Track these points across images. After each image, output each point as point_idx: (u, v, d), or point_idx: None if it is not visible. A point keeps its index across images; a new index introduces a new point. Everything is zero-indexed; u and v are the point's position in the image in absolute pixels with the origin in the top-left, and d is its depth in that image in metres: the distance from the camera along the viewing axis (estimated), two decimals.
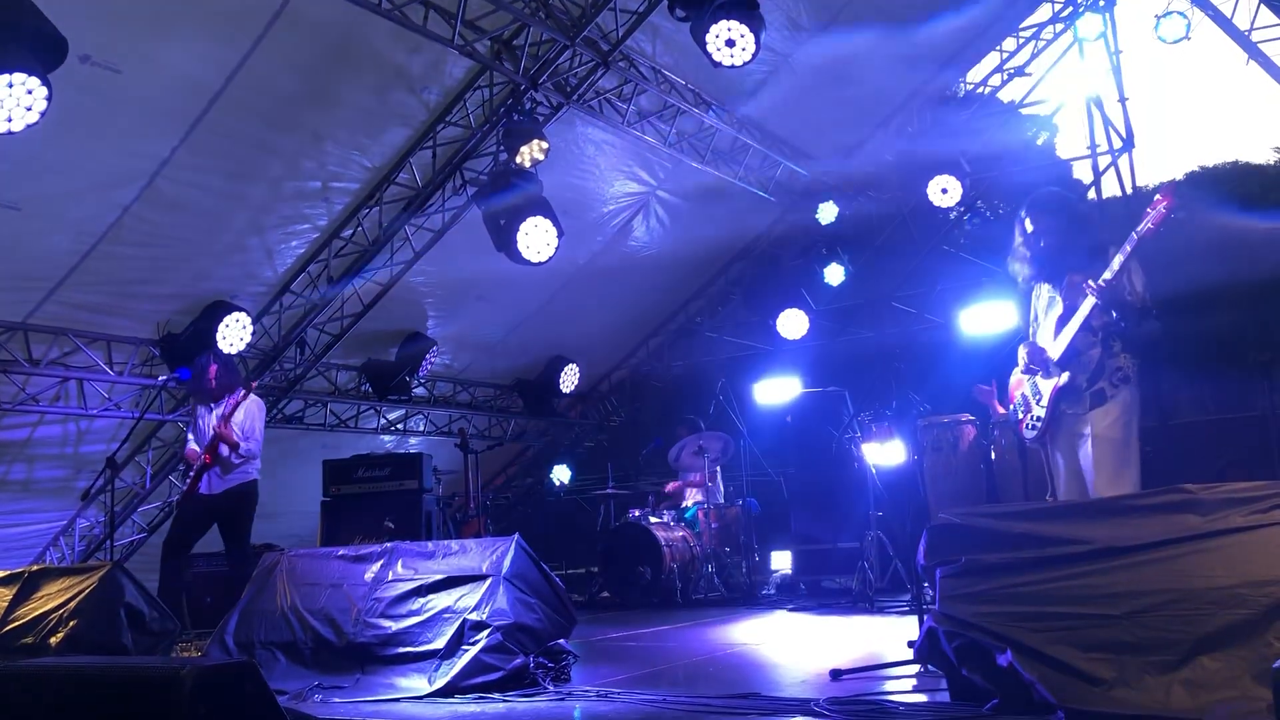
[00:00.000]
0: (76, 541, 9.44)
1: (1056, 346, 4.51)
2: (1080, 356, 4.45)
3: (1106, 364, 4.41)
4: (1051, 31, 11.49)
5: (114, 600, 5.44)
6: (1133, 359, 4.43)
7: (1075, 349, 4.44)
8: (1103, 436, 4.36)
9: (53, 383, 8.29)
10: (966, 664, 3.43)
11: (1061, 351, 4.48)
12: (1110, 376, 4.40)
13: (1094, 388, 4.42)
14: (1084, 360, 4.44)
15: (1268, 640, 2.99)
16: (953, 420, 8.57)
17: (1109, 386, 4.39)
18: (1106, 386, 4.39)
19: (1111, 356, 4.41)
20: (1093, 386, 4.42)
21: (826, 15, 9.30)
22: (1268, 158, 12.29)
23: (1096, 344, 4.42)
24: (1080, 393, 4.43)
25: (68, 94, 5.95)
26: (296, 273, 8.99)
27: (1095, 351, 4.43)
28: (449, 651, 4.62)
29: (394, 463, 9.41)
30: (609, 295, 11.67)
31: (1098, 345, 4.42)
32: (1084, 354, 4.44)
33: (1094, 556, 3.35)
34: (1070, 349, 4.45)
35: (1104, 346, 4.41)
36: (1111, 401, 4.38)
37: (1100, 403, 4.40)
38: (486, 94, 8.40)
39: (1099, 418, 4.38)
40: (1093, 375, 4.42)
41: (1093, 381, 4.42)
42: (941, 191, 10.44)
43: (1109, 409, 4.38)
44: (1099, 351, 4.42)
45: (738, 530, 9.83)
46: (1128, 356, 4.42)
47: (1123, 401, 4.38)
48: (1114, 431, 4.35)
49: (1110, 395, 4.38)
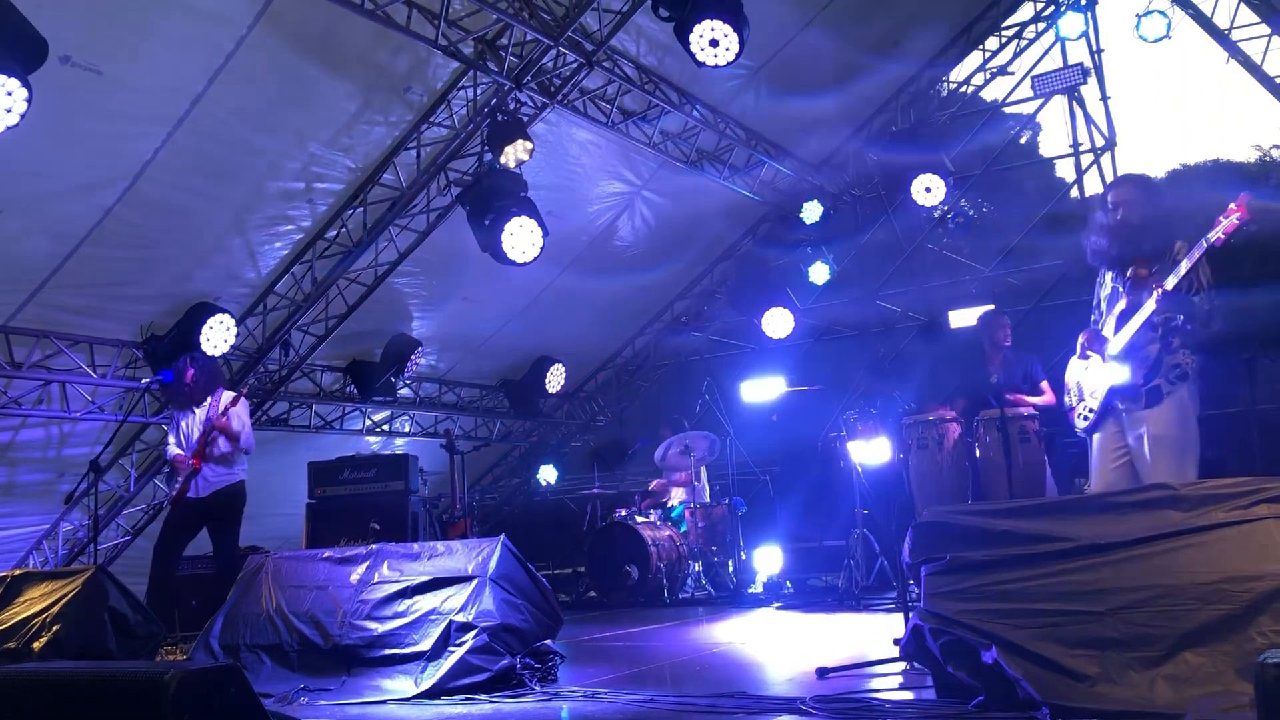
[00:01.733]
0: (60, 545, 9.37)
1: (1117, 342, 4.55)
2: (1139, 352, 4.48)
3: (1164, 360, 4.44)
4: (1034, 30, 11.54)
5: (98, 604, 5.41)
6: (1192, 355, 4.45)
7: (1135, 344, 4.48)
8: (1161, 436, 4.39)
9: (35, 385, 8.23)
10: (952, 661, 3.45)
11: (1122, 347, 4.52)
12: (1168, 374, 4.42)
13: (1150, 384, 4.44)
14: (1143, 355, 4.47)
15: (1250, 635, 3.01)
16: (937, 418, 8.59)
17: (1165, 384, 4.42)
18: (1163, 384, 4.42)
19: (1170, 353, 4.43)
20: (1149, 383, 4.44)
21: (810, 14, 9.31)
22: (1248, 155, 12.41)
23: (1156, 340, 4.45)
24: (1137, 390, 4.47)
25: (48, 95, 5.90)
26: (280, 274, 8.95)
27: (1154, 348, 4.45)
28: (435, 653, 4.62)
29: (380, 464, 9.39)
30: (594, 295, 11.67)
31: (1157, 341, 4.45)
32: (1143, 349, 4.47)
33: (1078, 553, 3.37)
34: (1130, 345, 4.49)
35: (1163, 343, 4.44)
36: (1169, 399, 4.40)
37: (1157, 401, 4.42)
38: (471, 94, 8.39)
39: (1156, 416, 4.41)
40: (1149, 372, 4.45)
41: (1149, 378, 4.45)
42: (925, 190, 10.47)
43: (1166, 406, 4.40)
44: (1158, 348, 4.45)
45: (724, 529, 9.84)
46: (1187, 353, 4.44)
47: (1179, 399, 4.40)
48: (1171, 430, 4.38)
49: (1167, 393, 4.40)
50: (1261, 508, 3.24)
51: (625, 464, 12.72)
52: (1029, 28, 11.56)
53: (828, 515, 8.98)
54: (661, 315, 13.27)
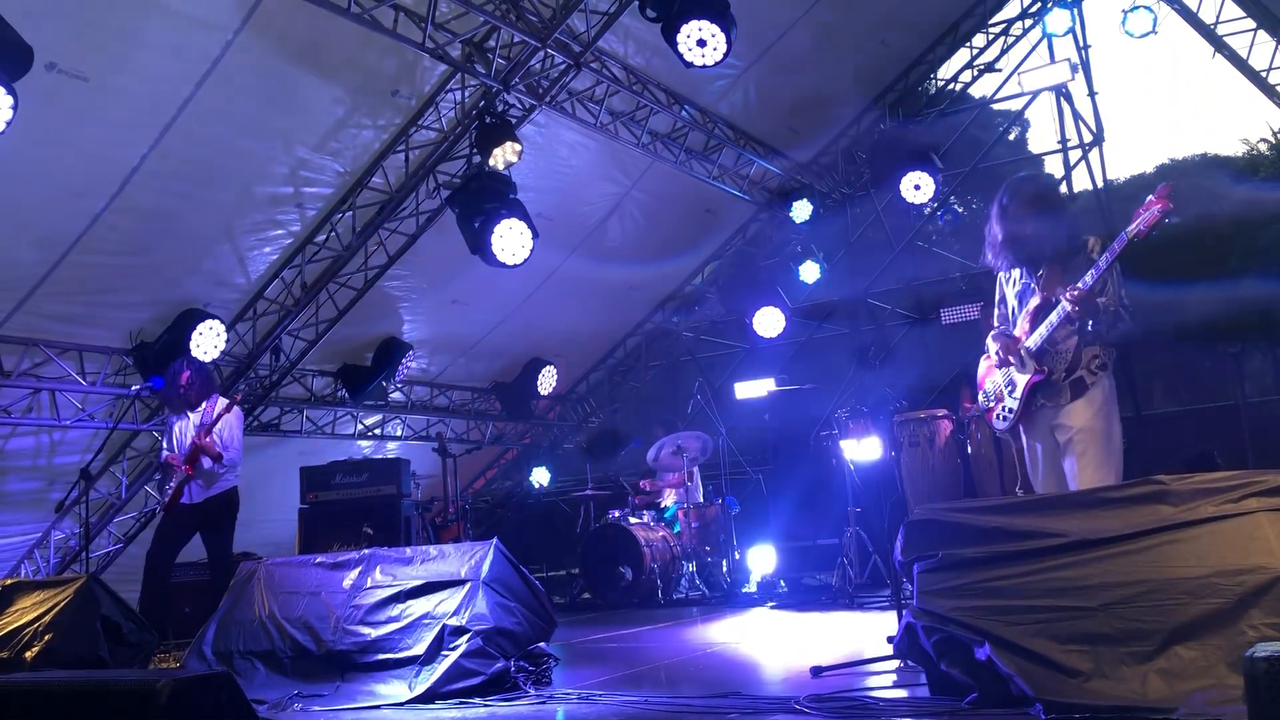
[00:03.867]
0: (52, 554, 9.34)
1: (1035, 338, 4.43)
2: (1057, 347, 4.38)
3: (1083, 352, 4.35)
4: (1020, 27, 11.58)
5: (90, 613, 5.39)
6: (1109, 348, 4.38)
7: (1053, 339, 4.37)
8: (1086, 428, 4.30)
9: (24, 394, 8.20)
10: (945, 658, 3.46)
11: (1038, 344, 4.40)
12: (1088, 364, 4.35)
13: (1072, 376, 4.35)
14: (1060, 350, 4.38)
15: (1241, 629, 3.02)
16: (929, 415, 8.62)
17: (1088, 374, 4.33)
18: (1085, 374, 4.33)
19: (1088, 345, 4.35)
20: (1071, 376, 4.36)
21: (798, 13, 9.32)
22: (1236, 149, 12.44)
23: (1074, 334, 4.36)
24: (1059, 384, 4.37)
25: (35, 102, 5.89)
26: (270, 279, 8.93)
27: (1072, 341, 4.36)
28: (429, 657, 4.61)
29: (372, 468, 9.36)
30: (585, 296, 11.67)
31: (1074, 335, 4.36)
32: (1060, 344, 4.38)
33: (1069, 549, 3.37)
34: (1048, 339, 4.38)
35: (1080, 335, 4.35)
36: (1093, 389, 4.32)
37: (1081, 392, 4.33)
38: (459, 97, 8.38)
39: (1081, 409, 4.32)
40: (1070, 365, 4.36)
41: (1071, 371, 4.36)
42: (914, 188, 10.50)
43: (1091, 398, 4.32)
44: (1075, 340, 4.36)
45: (717, 529, 9.84)
46: (1103, 345, 4.37)
47: (1103, 389, 4.33)
48: (1097, 422, 4.30)
49: (1090, 383, 4.32)
50: (1251, 501, 3.24)
51: (619, 459, 12.72)
52: (1016, 24, 11.60)
53: (821, 513, 8.99)
54: (653, 315, 13.28)
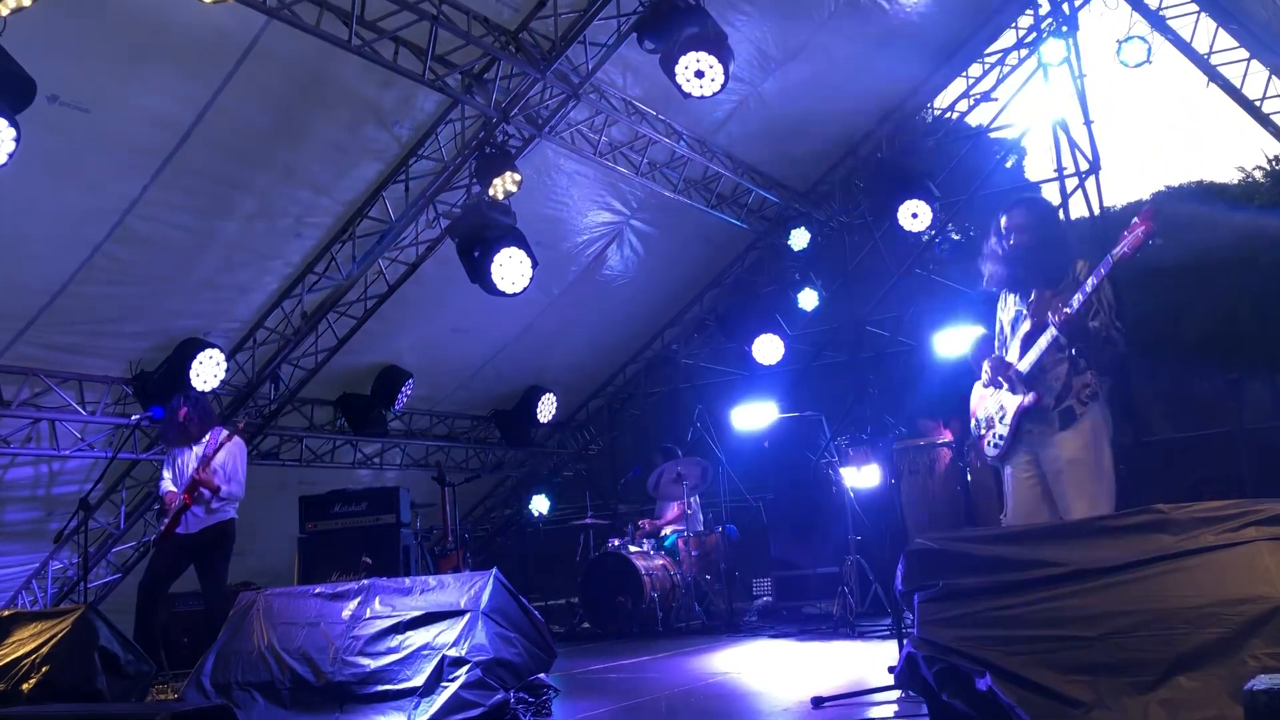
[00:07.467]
0: (49, 584, 9.31)
1: (1024, 364, 4.39)
2: (1046, 374, 4.33)
3: (1074, 381, 4.29)
4: (1016, 57, 11.65)
5: (88, 644, 5.35)
6: (1101, 377, 4.32)
7: (1042, 366, 4.33)
8: (1076, 459, 4.24)
9: (24, 424, 8.20)
10: (946, 689, 3.44)
11: (1029, 369, 4.36)
12: (1079, 394, 4.28)
13: (1062, 406, 4.29)
14: (1050, 378, 4.33)
15: (1242, 659, 3.01)
16: (929, 443, 8.62)
17: (1078, 404, 4.27)
18: (1075, 404, 4.27)
19: (1079, 374, 4.29)
20: (1061, 405, 4.30)
21: (794, 45, 9.39)
22: (1231, 176, 12.49)
23: (1064, 360, 4.30)
24: (1048, 412, 4.32)
25: (37, 134, 5.94)
26: (270, 308, 8.95)
27: (1063, 368, 4.31)
28: (428, 689, 4.59)
29: (371, 497, 9.34)
30: (585, 324, 11.69)
31: (1065, 362, 4.30)
32: (1050, 371, 4.33)
33: (1069, 579, 3.36)
34: (1038, 366, 4.34)
35: (1071, 363, 4.30)
36: (1082, 419, 4.26)
37: (1070, 422, 4.27)
38: (458, 127, 8.43)
39: (1070, 440, 4.26)
40: (1060, 393, 4.31)
41: (1061, 400, 4.30)
42: (912, 216, 10.53)
43: (1080, 429, 4.25)
44: (1066, 368, 4.30)
45: (717, 557, 9.81)
46: (1095, 374, 4.30)
47: (1092, 420, 4.26)
48: (1086, 454, 4.23)
49: (1080, 414, 4.26)
50: (1251, 530, 3.24)
51: (619, 489, 12.70)
52: (1012, 54, 11.67)
53: (821, 541, 8.95)
54: (651, 343, 13.29)
